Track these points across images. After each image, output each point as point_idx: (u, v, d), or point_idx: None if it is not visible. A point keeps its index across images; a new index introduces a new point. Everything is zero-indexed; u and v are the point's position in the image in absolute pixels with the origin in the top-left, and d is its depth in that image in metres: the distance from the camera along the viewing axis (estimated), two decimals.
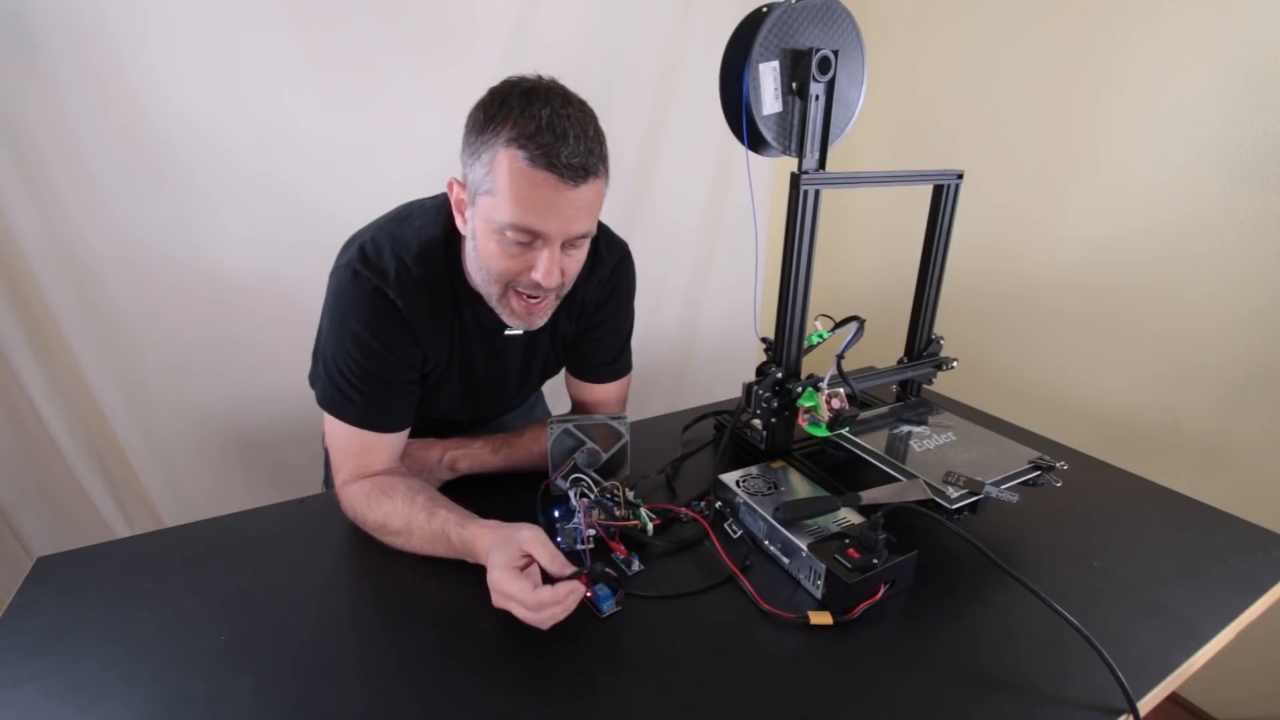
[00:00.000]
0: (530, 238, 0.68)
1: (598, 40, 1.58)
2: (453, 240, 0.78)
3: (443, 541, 0.72)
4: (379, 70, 1.37)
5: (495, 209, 0.67)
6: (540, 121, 0.64)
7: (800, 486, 0.82)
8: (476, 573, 0.73)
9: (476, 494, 0.83)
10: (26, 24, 1.09)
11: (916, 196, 1.22)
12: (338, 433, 0.80)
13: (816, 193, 0.82)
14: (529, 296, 0.74)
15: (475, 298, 0.80)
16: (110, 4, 1.12)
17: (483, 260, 0.72)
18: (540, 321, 0.78)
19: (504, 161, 0.65)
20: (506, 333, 0.81)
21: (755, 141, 0.82)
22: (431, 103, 1.42)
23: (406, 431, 0.83)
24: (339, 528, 0.83)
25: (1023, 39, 1.45)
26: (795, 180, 0.81)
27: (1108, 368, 1.40)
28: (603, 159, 0.69)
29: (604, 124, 0.71)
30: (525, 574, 0.63)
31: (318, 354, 0.82)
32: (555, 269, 0.70)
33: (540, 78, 0.69)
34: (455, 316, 0.82)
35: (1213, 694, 1.37)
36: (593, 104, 0.71)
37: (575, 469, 0.85)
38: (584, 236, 0.72)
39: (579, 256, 0.76)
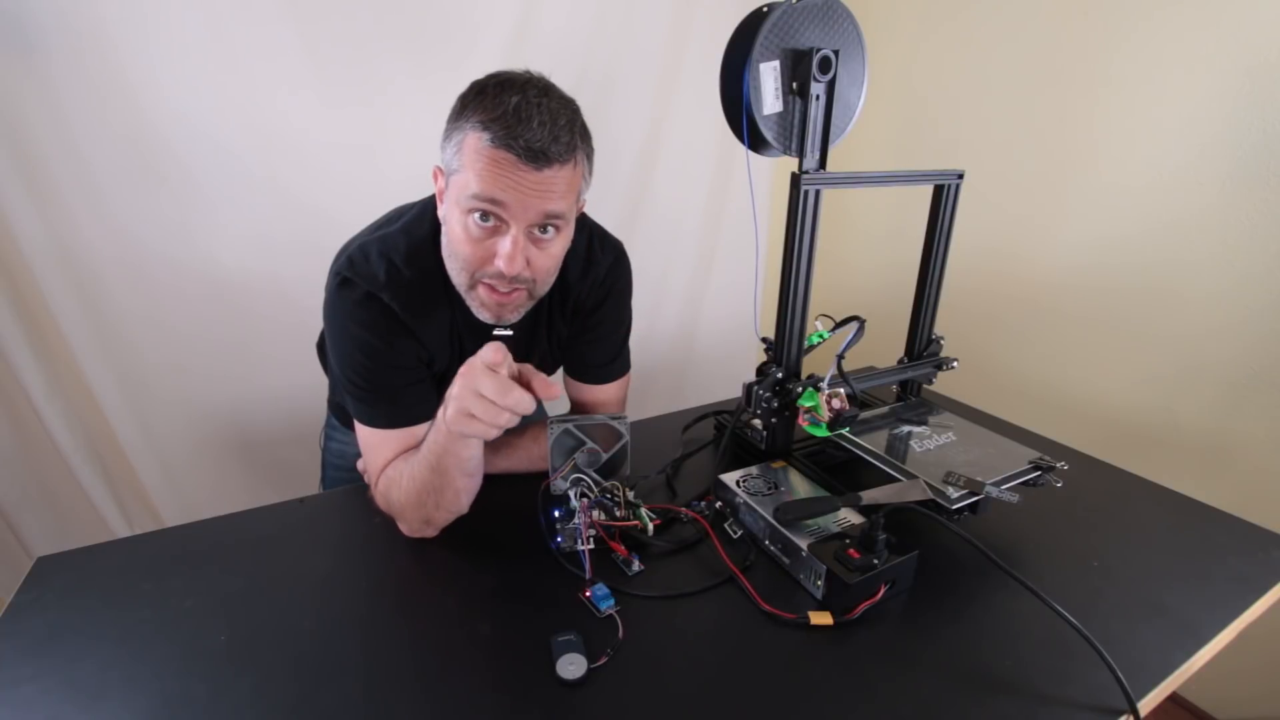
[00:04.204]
0: (494, 220, 0.69)
1: (598, 40, 1.58)
2: (439, 239, 0.78)
3: (430, 440, 0.73)
4: (379, 70, 1.37)
5: (462, 185, 0.68)
6: (507, 107, 0.65)
7: (800, 486, 0.82)
8: (477, 573, 0.73)
9: (477, 494, 0.83)
10: (26, 24, 1.09)
11: (916, 197, 1.22)
12: (378, 443, 0.79)
13: (817, 193, 0.82)
14: (497, 289, 0.73)
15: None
16: (109, 4, 1.12)
17: (452, 245, 0.73)
18: (511, 317, 0.77)
19: (471, 142, 0.67)
20: (496, 331, 0.81)
21: (756, 141, 0.82)
22: (431, 103, 1.39)
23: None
24: (339, 528, 0.83)
25: (1023, 39, 1.45)
26: (795, 180, 0.81)
27: (1108, 368, 1.40)
28: (570, 148, 0.68)
29: (604, 124, 0.71)
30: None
31: (332, 374, 0.82)
32: (519, 255, 0.69)
33: (528, 72, 0.70)
34: (451, 314, 0.82)
35: (1213, 694, 1.37)
36: (593, 104, 0.71)
37: (575, 469, 0.85)
38: (548, 221, 0.71)
39: (551, 252, 0.74)
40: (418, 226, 0.79)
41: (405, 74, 1.39)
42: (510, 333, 0.78)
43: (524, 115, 0.65)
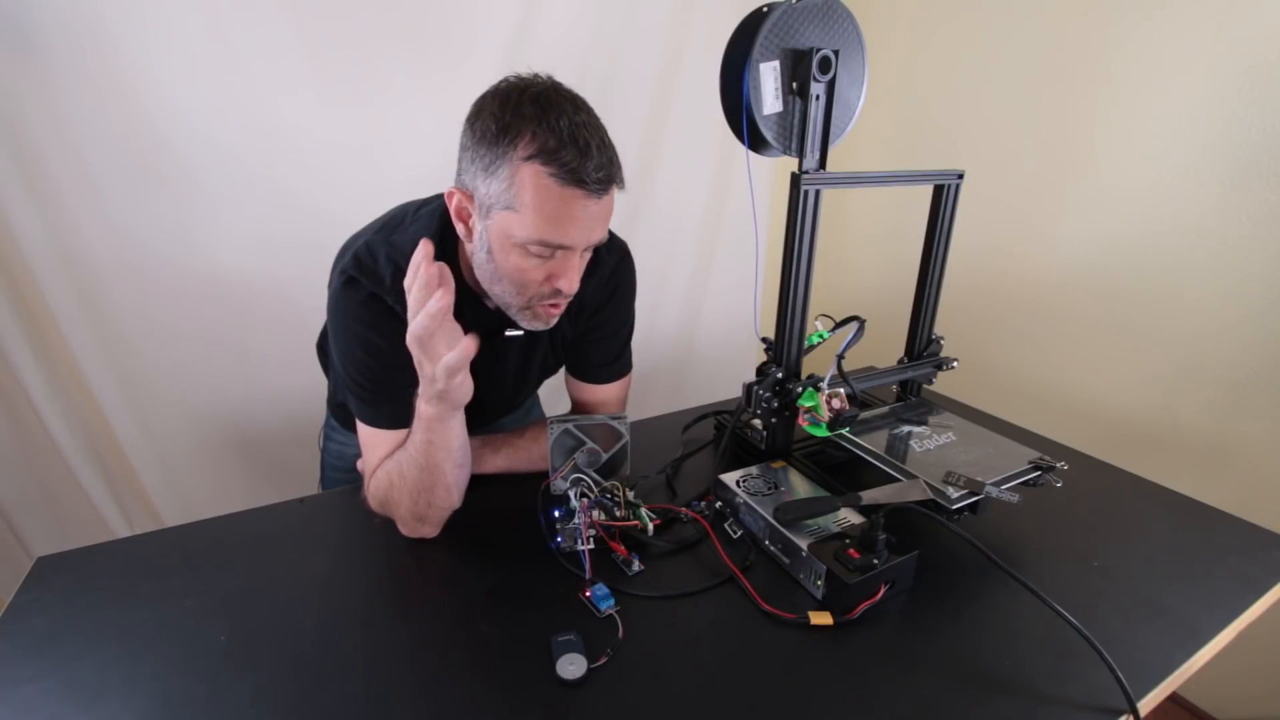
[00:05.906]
0: (551, 250, 0.69)
1: (598, 40, 1.58)
2: (448, 243, 0.79)
3: (413, 440, 0.74)
4: (379, 70, 1.37)
5: (518, 225, 0.67)
6: (561, 134, 0.63)
7: (800, 486, 0.82)
8: (477, 573, 0.73)
9: (477, 494, 0.83)
10: (26, 24, 1.09)
11: (916, 197, 1.23)
12: (379, 443, 0.79)
13: (817, 193, 0.82)
14: (550, 303, 0.75)
15: (474, 300, 0.81)
16: (109, 4, 1.12)
17: (503, 273, 0.72)
18: (554, 322, 0.79)
19: (528, 178, 0.65)
20: (507, 334, 0.81)
21: (756, 141, 0.82)
22: (432, 103, 1.42)
23: None
24: (339, 528, 0.83)
25: (1023, 39, 1.45)
26: (795, 180, 0.81)
27: (1108, 368, 1.40)
28: (619, 165, 0.69)
29: (604, 123, 0.71)
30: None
31: (334, 373, 0.81)
32: (578, 277, 0.72)
33: (538, 77, 0.69)
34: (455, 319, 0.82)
35: (1213, 694, 1.37)
36: (593, 104, 0.71)
37: (575, 469, 0.85)
38: (602, 242, 0.74)
39: (589, 257, 0.77)
40: (424, 233, 0.78)
41: (405, 74, 1.39)
42: (520, 333, 0.79)
43: (581, 143, 0.64)
